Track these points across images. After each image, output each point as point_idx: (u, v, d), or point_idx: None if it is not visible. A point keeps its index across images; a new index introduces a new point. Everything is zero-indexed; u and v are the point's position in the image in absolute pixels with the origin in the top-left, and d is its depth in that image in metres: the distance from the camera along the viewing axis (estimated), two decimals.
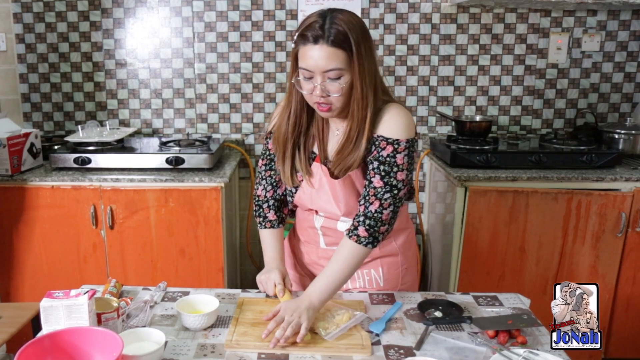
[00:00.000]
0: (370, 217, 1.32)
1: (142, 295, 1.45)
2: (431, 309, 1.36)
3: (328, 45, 1.23)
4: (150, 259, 2.42)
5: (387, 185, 1.32)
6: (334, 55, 1.24)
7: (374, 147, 1.34)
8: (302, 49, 1.27)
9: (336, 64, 1.25)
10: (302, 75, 1.29)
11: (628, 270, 2.42)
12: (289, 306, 1.26)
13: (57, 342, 1.07)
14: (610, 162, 2.42)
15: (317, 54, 1.24)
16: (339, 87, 1.27)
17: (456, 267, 2.42)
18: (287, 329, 1.20)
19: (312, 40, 1.24)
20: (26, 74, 2.88)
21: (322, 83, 1.27)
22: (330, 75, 1.26)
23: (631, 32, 2.83)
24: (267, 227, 1.54)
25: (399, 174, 1.33)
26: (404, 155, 1.33)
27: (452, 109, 2.92)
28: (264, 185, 1.54)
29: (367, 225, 1.32)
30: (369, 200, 1.33)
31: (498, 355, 1.14)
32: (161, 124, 2.94)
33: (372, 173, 1.34)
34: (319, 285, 1.32)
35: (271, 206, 1.54)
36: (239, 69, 2.87)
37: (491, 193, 2.33)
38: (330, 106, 1.30)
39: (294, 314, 1.23)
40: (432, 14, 2.80)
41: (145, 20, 2.82)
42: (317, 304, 1.28)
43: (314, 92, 1.28)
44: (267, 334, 1.22)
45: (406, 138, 1.34)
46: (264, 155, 1.53)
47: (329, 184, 1.41)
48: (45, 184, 2.34)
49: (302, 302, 1.27)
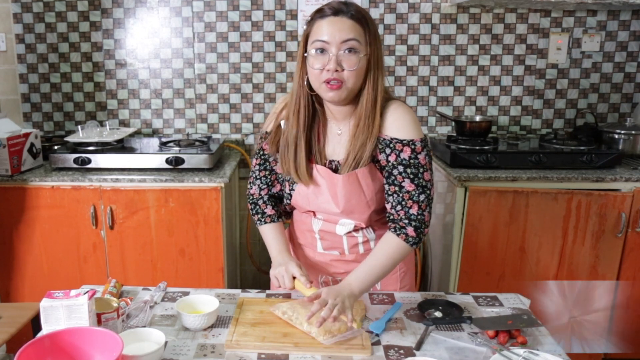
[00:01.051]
0: (415, 219, 1.33)
1: (142, 295, 1.45)
2: (431, 309, 1.36)
3: (348, 18, 1.26)
4: (150, 259, 2.42)
5: (418, 187, 1.33)
6: (353, 27, 1.26)
7: (390, 150, 1.33)
8: (318, 22, 1.28)
9: (355, 34, 1.25)
10: (315, 50, 1.28)
11: (628, 270, 2.42)
12: (331, 291, 1.24)
13: (57, 342, 1.07)
14: (610, 162, 2.42)
15: (337, 25, 1.26)
16: (355, 60, 1.26)
17: (456, 267, 2.42)
18: (334, 310, 1.19)
19: (331, 13, 1.27)
20: (26, 74, 2.89)
21: (338, 54, 1.26)
22: (348, 45, 1.25)
23: (631, 32, 2.83)
24: (267, 222, 1.51)
25: (425, 174, 1.34)
26: (425, 155, 1.34)
27: (452, 109, 2.92)
28: (258, 184, 1.52)
29: (414, 227, 1.33)
30: (407, 205, 1.33)
31: (498, 355, 1.14)
32: (161, 124, 2.94)
33: (399, 178, 1.33)
34: (362, 275, 1.31)
35: (267, 202, 1.52)
36: (239, 69, 2.87)
37: (491, 193, 2.33)
38: (341, 84, 1.27)
39: (338, 298, 1.22)
40: (432, 14, 2.80)
41: (145, 20, 2.82)
42: (357, 293, 1.28)
43: (328, 65, 1.26)
44: (310, 315, 1.20)
45: (420, 138, 1.34)
46: (258, 155, 1.51)
47: (328, 182, 1.39)
48: (45, 184, 2.34)
49: (344, 289, 1.26)
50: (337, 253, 1.50)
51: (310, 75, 1.32)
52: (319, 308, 1.20)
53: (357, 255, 1.49)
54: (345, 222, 1.44)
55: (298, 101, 1.37)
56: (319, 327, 1.19)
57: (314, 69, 1.29)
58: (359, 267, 1.34)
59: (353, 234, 1.46)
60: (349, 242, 1.48)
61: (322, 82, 1.29)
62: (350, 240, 1.48)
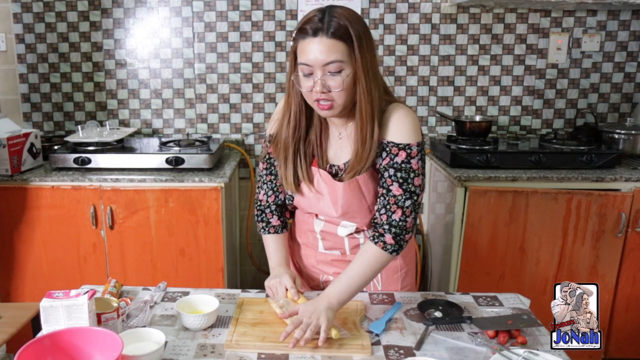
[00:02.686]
0: (395, 225, 1.30)
1: (142, 295, 1.45)
2: (431, 309, 1.36)
3: (328, 37, 1.20)
4: (150, 259, 2.42)
5: (406, 192, 1.30)
6: (334, 48, 1.21)
7: (386, 154, 1.32)
8: (301, 43, 1.24)
9: (336, 56, 1.21)
10: (301, 72, 1.26)
11: (628, 270, 2.42)
12: (307, 308, 1.23)
13: (57, 342, 1.07)
14: (610, 162, 2.42)
15: (317, 47, 1.21)
16: (340, 81, 1.23)
17: (456, 267, 2.42)
18: (307, 331, 1.17)
19: (311, 33, 1.22)
20: (26, 74, 2.88)
21: (323, 77, 1.23)
22: (330, 68, 1.22)
23: (631, 32, 2.83)
24: (271, 232, 1.52)
25: (416, 179, 1.31)
26: (418, 159, 1.32)
27: (452, 109, 2.92)
28: (265, 190, 1.52)
29: (393, 234, 1.30)
30: (391, 209, 1.30)
31: (498, 355, 1.14)
32: (161, 124, 2.94)
33: (389, 181, 1.31)
34: (339, 286, 1.29)
35: (274, 211, 1.52)
36: (239, 69, 2.87)
37: (491, 193, 2.33)
38: (331, 103, 1.26)
39: (312, 316, 1.20)
40: (432, 14, 2.80)
41: (145, 20, 2.82)
42: (335, 305, 1.26)
43: (314, 88, 1.24)
44: (285, 336, 1.19)
45: (417, 142, 1.32)
46: (265, 159, 1.50)
47: (329, 187, 1.39)
48: (45, 184, 2.34)
49: (320, 303, 1.24)
50: (338, 253, 1.50)
51: (302, 93, 1.31)
52: (293, 329, 1.19)
53: None
54: (346, 224, 1.44)
55: (289, 110, 1.36)
56: (292, 348, 1.17)
57: (303, 90, 1.28)
58: (338, 279, 1.32)
59: (354, 235, 1.46)
60: (351, 243, 1.48)
61: (313, 101, 1.28)
62: (351, 241, 1.48)
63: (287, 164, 1.39)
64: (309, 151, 1.40)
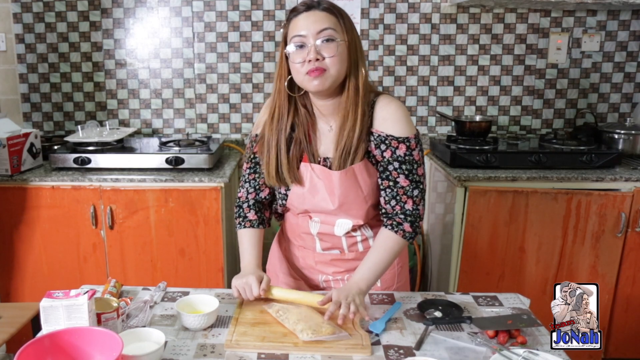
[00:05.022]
0: (410, 214, 1.38)
1: (142, 295, 1.45)
2: (431, 309, 1.36)
3: (321, 10, 1.31)
4: (150, 259, 2.42)
5: (412, 182, 1.38)
6: (327, 18, 1.31)
7: (385, 146, 1.36)
8: (293, 21, 1.33)
9: (329, 24, 1.30)
10: (294, 46, 1.31)
11: (628, 270, 2.42)
12: (342, 291, 1.30)
13: (57, 342, 1.07)
14: (610, 162, 2.42)
15: (311, 18, 1.30)
16: (334, 46, 1.29)
17: (456, 267, 2.42)
18: (351, 307, 1.25)
19: (304, 9, 1.32)
20: (26, 74, 2.89)
21: (316, 45, 1.29)
22: (323, 35, 1.29)
23: (631, 32, 2.83)
24: (247, 226, 1.50)
25: (419, 169, 1.39)
26: (418, 151, 1.39)
27: (452, 109, 2.92)
28: (246, 187, 1.52)
29: (410, 222, 1.39)
30: (402, 200, 1.38)
31: (498, 355, 1.14)
32: (161, 124, 2.94)
33: (394, 173, 1.37)
34: (366, 272, 1.36)
35: (251, 206, 1.51)
36: (239, 69, 2.87)
37: (491, 193, 2.33)
38: (323, 71, 1.29)
39: (349, 298, 1.27)
40: (432, 14, 2.80)
41: (145, 20, 2.82)
42: (365, 290, 1.34)
43: (308, 56, 1.29)
44: (329, 315, 1.26)
45: (414, 134, 1.38)
46: (249, 158, 1.51)
47: (324, 180, 1.39)
48: (45, 184, 2.34)
49: (352, 288, 1.31)
50: (337, 252, 1.50)
51: (293, 72, 1.34)
52: (336, 309, 1.26)
53: (357, 254, 1.49)
54: (342, 223, 1.44)
55: (274, 106, 1.41)
56: (341, 323, 1.24)
57: (296, 63, 1.32)
58: (362, 265, 1.38)
59: (351, 233, 1.47)
60: (348, 242, 1.48)
61: (304, 74, 1.31)
62: (349, 240, 1.48)
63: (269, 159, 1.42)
64: (296, 151, 1.41)
